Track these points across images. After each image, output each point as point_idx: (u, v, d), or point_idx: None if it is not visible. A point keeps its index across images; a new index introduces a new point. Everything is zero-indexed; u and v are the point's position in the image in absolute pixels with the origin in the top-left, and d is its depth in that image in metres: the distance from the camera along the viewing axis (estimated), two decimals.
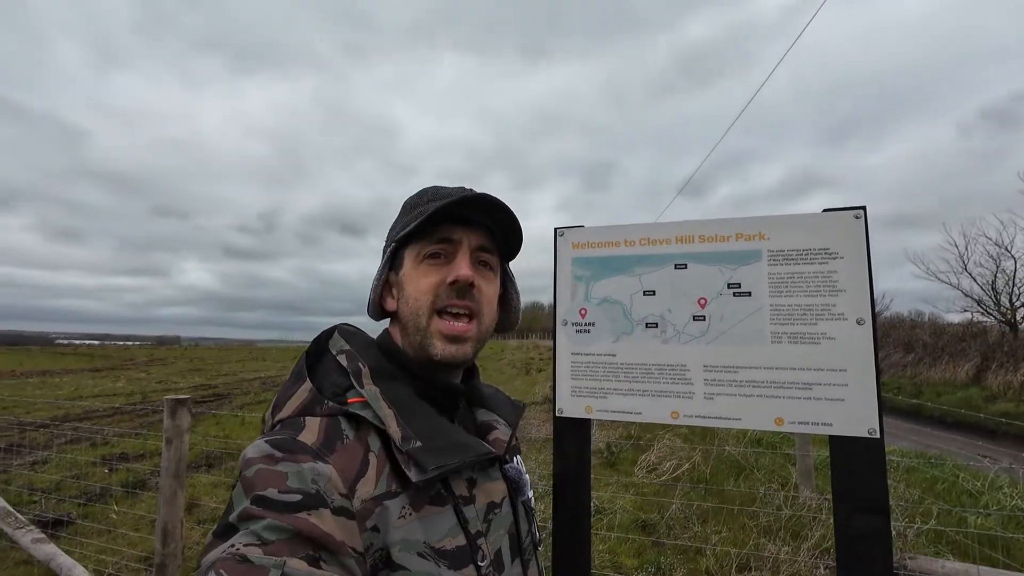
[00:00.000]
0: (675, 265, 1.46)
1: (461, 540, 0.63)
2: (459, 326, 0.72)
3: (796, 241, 1.36)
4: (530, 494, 0.83)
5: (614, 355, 1.49)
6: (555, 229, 1.61)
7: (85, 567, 2.86)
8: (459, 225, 0.74)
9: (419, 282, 0.73)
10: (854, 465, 1.26)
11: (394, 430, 0.63)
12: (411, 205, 0.78)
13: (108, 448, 5.98)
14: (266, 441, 0.58)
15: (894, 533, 2.84)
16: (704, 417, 1.38)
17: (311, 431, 0.60)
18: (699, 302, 1.42)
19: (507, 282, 0.87)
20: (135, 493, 4.46)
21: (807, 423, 1.30)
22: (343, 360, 0.71)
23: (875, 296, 1.30)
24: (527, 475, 0.83)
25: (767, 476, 4.38)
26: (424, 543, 0.60)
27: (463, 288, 0.71)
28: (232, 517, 0.50)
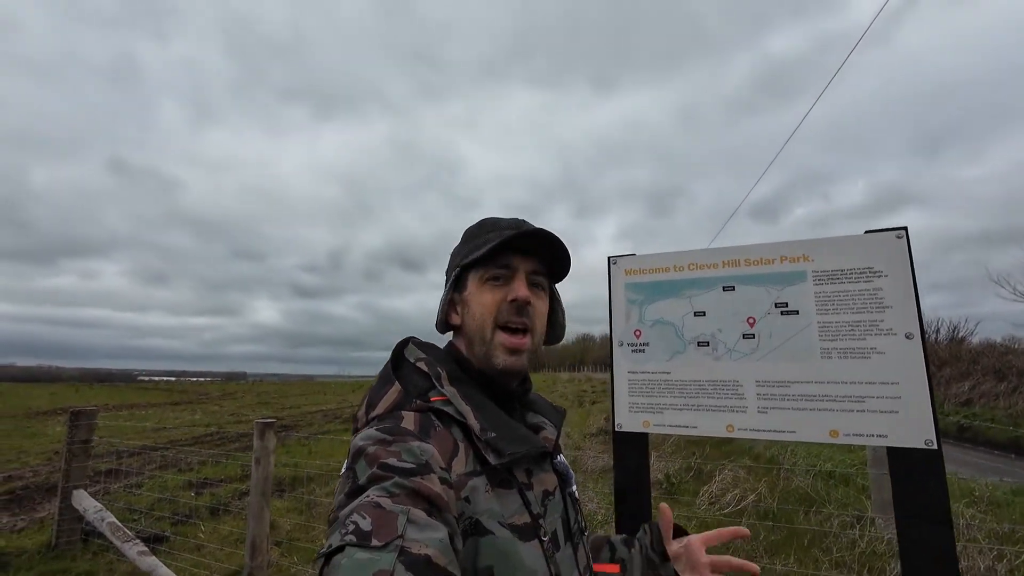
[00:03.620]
0: (723, 287, 1.57)
1: (526, 518, 0.73)
2: (517, 340, 0.84)
3: (840, 261, 1.44)
4: (575, 486, 0.92)
5: (668, 372, 1.60)
6: (608, 257, 1.76)
7: None
8: (516, 253, 0.86)
9: (483, 300, 0.85)
10: (913, 476, 1.30)
11: (473, 422, 0.74)
12: (472, 234, 0.92)
13: (193, 474, 6.47)
14: (376, 429, 0.69)
15: (981, 568, 2.63)
16: (759, 430, 1.46)
17: (409, 421, 0.71)
18: (748, 321, 1.52)
19: (554, 301, 0.97)
20: (218, 515, 4.80)
21: (862, 435, 1.35)
22: (423, 366, 0.83)
23: (922, 313, 1.35)
24: (572, 471, 0.93)
25: (840, 510, 4.15)
26: (501, 515, 0.70)
27: (521, 306, 0.84)
28: (362, 481, 0.60)
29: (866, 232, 1.44)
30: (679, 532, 1.10)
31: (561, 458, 0.92)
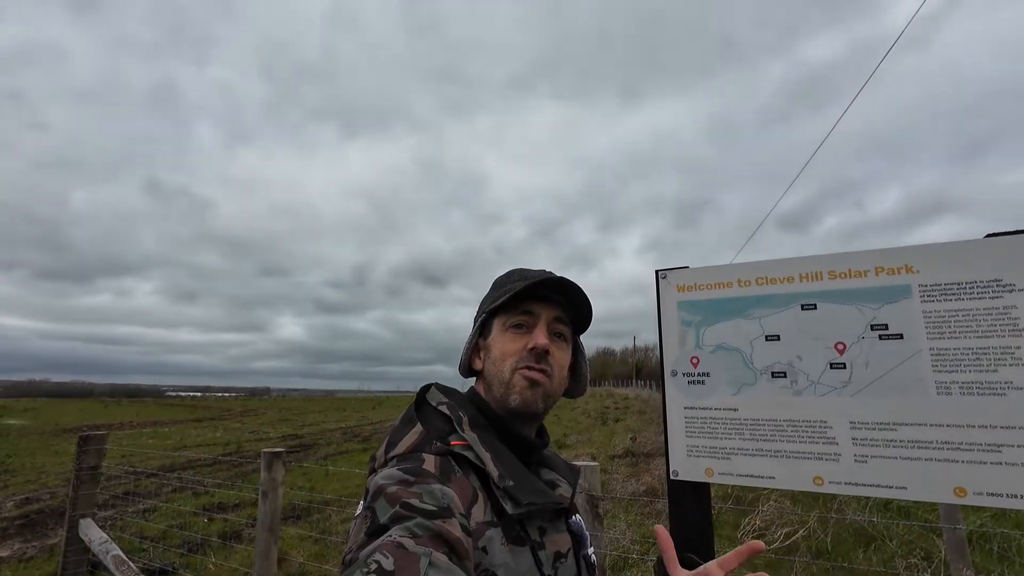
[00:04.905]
0: (802, 306, 1.29)
1: None
2: (536, 374, 0.84)
3: (955, 273, 1.16)
4: (591, 550, 0.90)
5: (735, 409, 1.32)
6: (656, 271, 1.50)
7: None
8: (539, 302, 0.89)
9: (505, 345, 0.87)
10: None
11: (492, 468, 0.74)
12: (500, 283, 0.95)
13: (207, 498, 6.31)
14: (397, 469, 0.68)
15: None
16: (857, 484, 1.17)
17: (430, 464, 0.71)
18: (836, 347, 1.24)
19: (578, 353, 0.98)
20: (230, 544, 4.60)
21: (1000, 495, 1.05)
22: (444, 409, 0.84)
23: None
24: (588, 532, 0.91)
25: (904, 548, 3.72)
26: (517, 572, 0.69)
27: (540, 354, 0.85)
28: (383, 520, 0.59)
29: (987, 236, 1.16)
30: (692, 564, 0.99)
31: (577, 518, 0.90)
